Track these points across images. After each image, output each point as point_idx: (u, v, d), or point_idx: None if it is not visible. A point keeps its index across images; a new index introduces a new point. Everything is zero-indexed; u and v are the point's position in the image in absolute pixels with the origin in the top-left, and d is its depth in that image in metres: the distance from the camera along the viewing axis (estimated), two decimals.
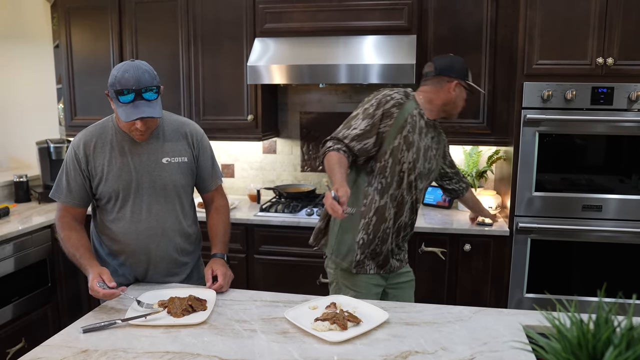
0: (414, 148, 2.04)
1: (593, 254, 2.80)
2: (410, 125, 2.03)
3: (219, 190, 2.16)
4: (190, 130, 2.02)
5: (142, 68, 1.75)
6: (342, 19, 3.12)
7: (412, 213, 2.18)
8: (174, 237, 1.99)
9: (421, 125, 2.08)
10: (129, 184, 1.89)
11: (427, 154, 2.11)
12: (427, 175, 2.16)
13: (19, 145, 4.14)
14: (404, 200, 2.09)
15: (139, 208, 1.92)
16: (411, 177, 2.07)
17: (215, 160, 2.13)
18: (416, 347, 1.44)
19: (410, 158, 2.04)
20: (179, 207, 2.00)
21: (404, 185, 2.07)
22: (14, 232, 2.79)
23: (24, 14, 4.04)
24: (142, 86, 1.72)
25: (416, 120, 2.07)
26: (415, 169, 2.07)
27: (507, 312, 1.70)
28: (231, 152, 3.81)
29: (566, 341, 0.86)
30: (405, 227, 2.17)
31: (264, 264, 3.14)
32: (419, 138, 2.06)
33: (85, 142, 1.89)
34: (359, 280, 2.11)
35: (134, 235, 1.93)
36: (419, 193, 2.15)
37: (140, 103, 1.73)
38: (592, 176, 2.79)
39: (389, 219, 2.08)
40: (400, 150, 2.02)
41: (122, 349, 1.44)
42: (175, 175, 1.95)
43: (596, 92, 2.68)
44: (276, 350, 1.43)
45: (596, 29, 2.66)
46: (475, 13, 3.02)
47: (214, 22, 3.32)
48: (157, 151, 1.93)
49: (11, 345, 2.74)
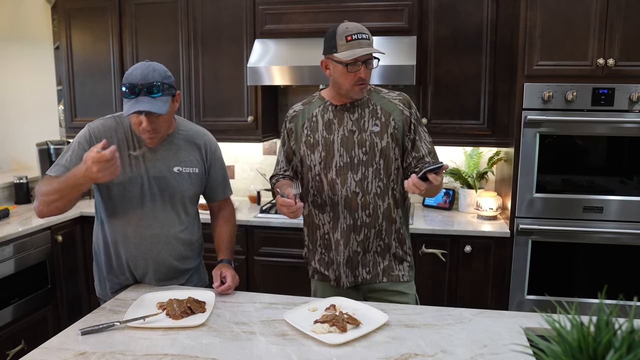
0: (319, 147, 1.94)
1: (594, 256, 2.79)
2: (308, 129, 1.98)
3: (228, 200, 2.17)
4: (205, 141, 2.02)
5: (153, 67, 1.77)
6: (341, 20, 3.07)
7: (361, 210, 1.92)
8: (176, 245, 1.97)
9: (328, 118, 1.95)
10: (139, 188, 1.88)
11: (347, 142, 1.92)
12: (358, 163, 1.91)
13: (19, 147, 4.14)
14: (334, 202, 1.94)
15: (145, 215, 1.90)
16: (330, 175, 1.93)
17: (226, 172, 2.13)
18: (416, 350, 1.44)
19: (317, 159, 1.95)
20: (184, 216, 1.99)
21: (325, 187, 1.95)
22: (14, 233, 2.78)
23: (24, 15, 4.04)
24: (147, 82, 1.72)
25: (317, 118, 1.97)
26: (330, 166, 1.93)
27: (508, 314, 1.69)
28: (231, 153, 3.80)
29: (566, 344, 0.85)
30: (360, 229, 1.94)
31: (264, 265, 3.14)
32: (326, 134, 1.94)
33: (106, 132, 1.86)
34: (318, 288, 2.11)
35: (137, 241, 1.92)
36: (357, 186, 1.91)
37: (143, 99, 1.72)
38: (593, 177, 2.78)
39: (322, 225, 2.01)
40: (306, 156, 1.99)
41: (120, 351, 1.43)
42: (185, 186, 1.95)
43: (597, 93, 2.68)
44: (275, 352, 1.43)
45: (597, 30, 2.66)
46: (476, 14, 3.01)
47: (214, 23, 3.31)
48: (169, 160, 1.92)
49: (11, 347, 2.73)
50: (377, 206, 1.94)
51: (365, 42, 1.83)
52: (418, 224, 2.99)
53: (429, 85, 3.12)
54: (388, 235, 1.98)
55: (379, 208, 1.94)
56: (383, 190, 1.94)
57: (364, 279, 1.99)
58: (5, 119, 4.19)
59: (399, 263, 2.02)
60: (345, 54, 1.81)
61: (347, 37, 1.83)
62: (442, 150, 3.51)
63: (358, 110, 1.94)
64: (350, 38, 1.82)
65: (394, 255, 2.00)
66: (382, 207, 1.94)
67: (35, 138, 3.80)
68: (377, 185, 1.93)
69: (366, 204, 1.93)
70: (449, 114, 3.13)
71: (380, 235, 1.97)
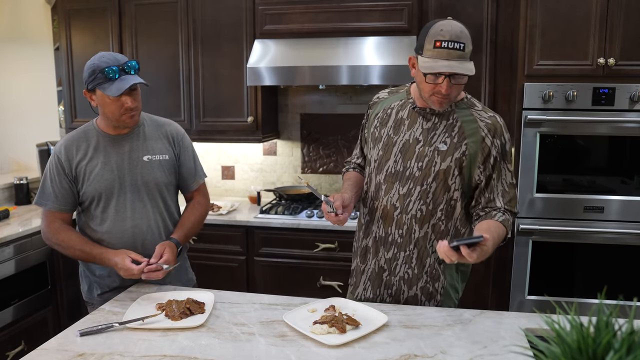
0: (380, 144, 1.79)
1: (595, 256, 2.78)
2: (378, 120, 1.82)
3: (201, 189, 2.16)
4: (171, 129, 2.06)
5: (114, 53, 1.87)
6: (342, 20, 3.12)
7: (395, 228, 1.76)
8: (159, 236, 1.99)
9: (402, 116, 1.77)
10: (112, 184, 1.91)
11: (407, 150, 1.74)
12: (409, 177, 1.73)
13: (19, 148, 4.14)
14: (374, 206, 1.81)
15: (122, 207, 1.93)
16: (379, 178, 1.79)
17: (197, 159, 2.14)
18: (415, 351, 1.43)
19: (375, 156, 1.79)
20: (163, 206, 2.02)
21: (372, 187, 1.82)
22: (14, 234, 2.78)
23: (24, 16, 4.04)
24: (122, 62, 1.82)
25: (393, 112, 1.80)
26: (382, 168, 1.78)
27: (508, 315, 1.69)
28: (231, 154, 3.80)
29: (566, 345, 0.85)
30: (391, 246, 1.78)
31: (264, 266, 3.13)
32: (392, 132, 1.77)
33: (67, 147, 1.92)
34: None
35: (118, 234, 1.93)
36: (398, 200, 1.75)
37: (126, 77, 1.81)
38: (594, 177, 2.77)
39: (361, 226, 1.90)
40: (369, 149, 1.86)
41: (119, 352, 1.43)
42: (156, 173, 1.97)
43: (597, 93, 2.67)
44: (274, 353, 1.42)
45: (597, 29, 2.65)
46: (475, 14, 3.01)
47: (214, 23, 3.31)
48: (138, 150, 1.96)
49: (11, 348, 2.73)
50: (412, 230, 1.75)
51: (455, 52, 1.56)
52: None
53: None
54: (418, 265, 1.79)
55: (414, 233, 1.75)
56: (424, 215, 1.73)
57: (382, 300, 1.84)
58: (5, 120, 4.18)
59: (427, 300, 1.81)
60: (425, 63, 1.59)
61: (436, 41, 1.57)
62: None
63: (435, 119, 1.73)
64: (439, 44, 1.57)
65: (421, 290, 1.80)
66: (417, 233, 1.75)
67: (35, 139, 3.79)
68: (418, 208, 1.73)
69: (401, 223, 1.76)
70: None
71: (409, 262, 1.78)
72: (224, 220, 3.15)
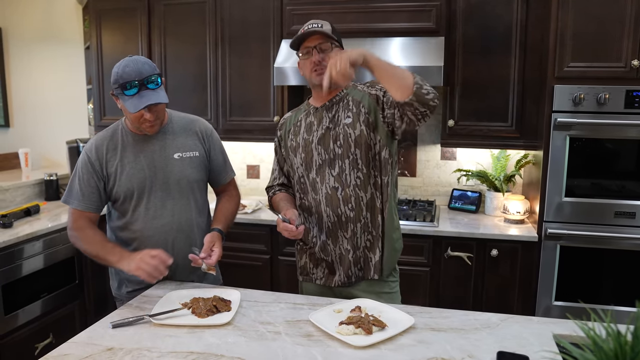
0: (299, 149, 1.95)
1: (625, 263, 2.72)
2: (291, 134, 2.01)
3: (232, 183, 2.21)
4: (199, 126, 2.08)
5: (141, 61, 1.83)
6: (369, 20, 3.11)
7: (343, 205, 1.87)
8: (190, 232, 2.01)
9: (310, 120, 1.96)
10: (143, 182, 1.93)
11: (324, 140, 1.89)
12: (334, 158, 1.87)
13: (50, 145, 4.23)
14: (317, 201, 1.91)
15: (153, 205, 1.95)
16: (311, 175, 1.92)
17: (226, 154, 2.18)
18: (442, 354, 1.42)
19: (299, 161, 1.95)
20: (193, 203, 2.03)
21: (308, 187, 1.94)
22: (44, 229, 2.84)
23: (56, 16, 4.13)
24: (144, 76, 1.79)
25: (301, 122, 1.99)
26: (311, 166, 1.92)
27: (537, 320, 1.66)
28: (257, 153, 3.82)
29: (602, 353, 0.83)
30: (346, 225, 1.88)
31: (288, 265, 3.14)
32: (306, 135, 1.94)
33: (97, 146, 1.94)
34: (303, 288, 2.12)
35: (150, 233, 1.95)
36: (335, 181, 1.87)
37: (145, 92, 1.80)
38: (624, 182, 2.71)
39: (312, 228, 1.98)
40: (290, 160, 2.02)
41: (147, 348, 1.45)
42: (187, 170, 1.99)
43: (630, 96, 2.61)
44: (300, 353, 1.42)
45: (631, 30, 2.59)
46: (505, 14, 2.97)
47: (242, 23, 3.33)
48: (168, 147, 1.97)
49: (40, 340, 2.79)
50: (359, 198, 1.87)
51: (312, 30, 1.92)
52: (444, 226, 2.96)
53: (457, 86, 3.08)
54: (375, 227, 1.91)
55: (362, 200, 1.88)
56: (363, 180, 1.87)
57: (357, 277, 1.93)
58: (36, 117, 4.28)
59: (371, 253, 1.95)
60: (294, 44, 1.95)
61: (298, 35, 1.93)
62: (468, 152, 3.47)
63: (335, 107, 1.93)
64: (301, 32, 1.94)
65: (381, 247, 1.94)
66: (364, 199, 1.88)
67: (65, 136, 3.87)
68: (356, 177, 1.87)
69: (347, 198, 1.87)
70: (476, 116, 3.09)
71: (367, 229, 1.90)
72: (249, 219, 3.17)
